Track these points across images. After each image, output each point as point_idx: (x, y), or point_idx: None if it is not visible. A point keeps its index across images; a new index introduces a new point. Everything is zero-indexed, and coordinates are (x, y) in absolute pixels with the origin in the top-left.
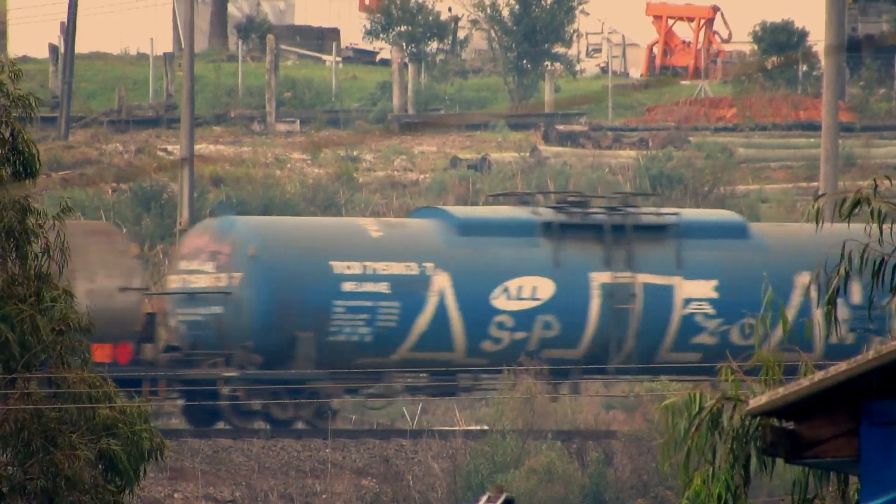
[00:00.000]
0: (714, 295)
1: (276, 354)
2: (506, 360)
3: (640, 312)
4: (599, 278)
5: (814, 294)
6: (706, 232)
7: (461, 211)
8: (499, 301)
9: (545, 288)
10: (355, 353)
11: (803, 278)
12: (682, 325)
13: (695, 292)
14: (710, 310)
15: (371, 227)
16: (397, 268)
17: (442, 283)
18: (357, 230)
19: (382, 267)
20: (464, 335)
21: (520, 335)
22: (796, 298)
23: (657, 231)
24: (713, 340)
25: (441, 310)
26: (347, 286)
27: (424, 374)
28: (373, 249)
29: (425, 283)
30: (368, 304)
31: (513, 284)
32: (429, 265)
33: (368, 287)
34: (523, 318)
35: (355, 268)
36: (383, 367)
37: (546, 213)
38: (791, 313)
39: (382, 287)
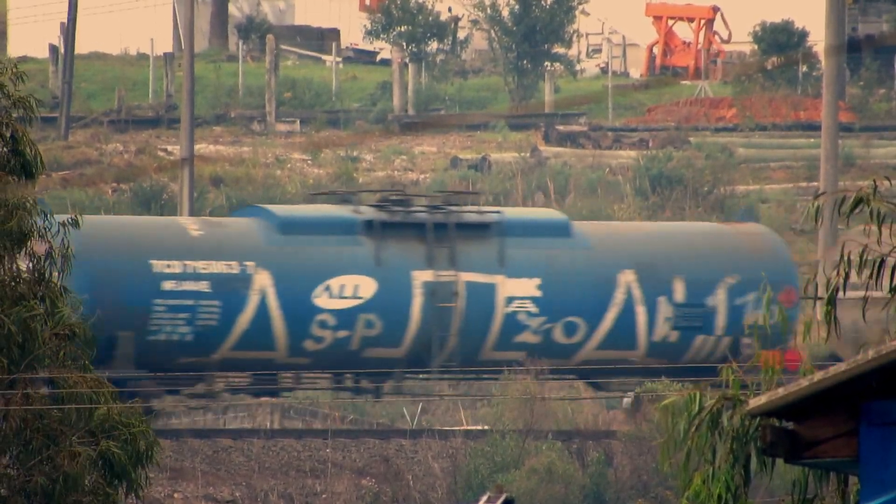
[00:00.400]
0: (537, 293)
1: (96, 354)
2: (328, 359)
3: (463, 311)
4: (422, 277)
5: (637, 292)
6: (529, 230)
7: (282, 209)
8: (321, 300)
9: (367, 287)
10: (176, 352)
11: (626, 276)
12: (504, 324)
13: (517, 291)
14: (533, 308)
15: (191, 225)
16: (218, 266)
17: (263, 281)
18: (177, 229)
19: (203, 266)
20: (285, 334)
21: (342, 334)
22: (619, 296)
23: (479, 229)
24: (536, 339)
25: (262, 309)
26: (167, 285)
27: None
28: (193, 248)
29: (246, 281)
30: (189, 303)
31: (335, 283)
32: (250, 264)
33: (189, 286)
34: (345, 317)
35: (175, 266)
36: (204, 367)
37: (368, 212)
38: (615, 311)
39: (203, 286)
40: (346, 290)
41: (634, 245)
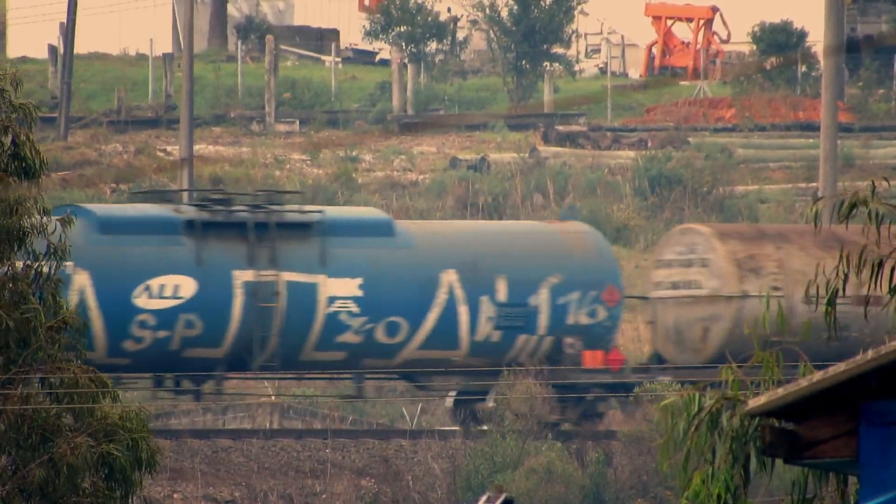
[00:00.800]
0: (359, 293)
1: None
2: (149, 359)
3: (284, 311)
4: (242, 276)
5: (459, 292)
6: (351, 230)
7: (102, 209)
8: (140, 300)
9: (187, 286)
10: None
11: (449, 276)
12: (326, 324)
13: (339, 291)
14: (354, 308)
15: None
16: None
17: (82, 281)
18: None
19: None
20: (105, 334)
21: (162, 334)
22: (442, 296)
23: (301, 229)
24: (358, 339)
25: (81, 309)
26: None
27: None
28: None
29: (65, 281)
30: None
31: (155, 283)
32: (68, 264)
33: None
34: (165, 317)
35: None
36: None
37: (189, 211)
38: (437, 311)
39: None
40: (166, 289)
41: (457, 244)
